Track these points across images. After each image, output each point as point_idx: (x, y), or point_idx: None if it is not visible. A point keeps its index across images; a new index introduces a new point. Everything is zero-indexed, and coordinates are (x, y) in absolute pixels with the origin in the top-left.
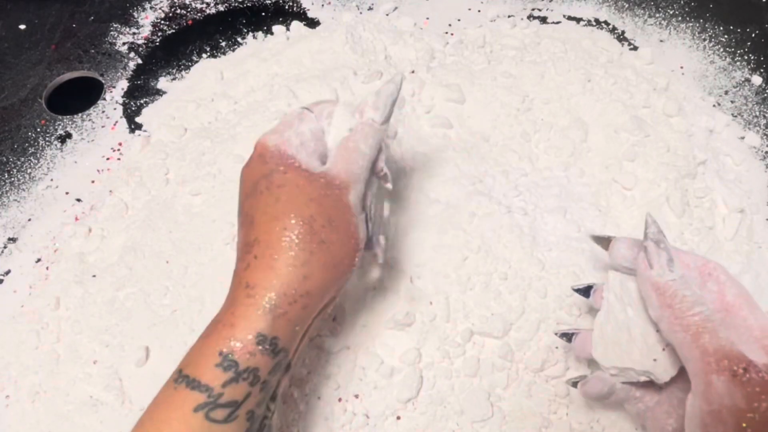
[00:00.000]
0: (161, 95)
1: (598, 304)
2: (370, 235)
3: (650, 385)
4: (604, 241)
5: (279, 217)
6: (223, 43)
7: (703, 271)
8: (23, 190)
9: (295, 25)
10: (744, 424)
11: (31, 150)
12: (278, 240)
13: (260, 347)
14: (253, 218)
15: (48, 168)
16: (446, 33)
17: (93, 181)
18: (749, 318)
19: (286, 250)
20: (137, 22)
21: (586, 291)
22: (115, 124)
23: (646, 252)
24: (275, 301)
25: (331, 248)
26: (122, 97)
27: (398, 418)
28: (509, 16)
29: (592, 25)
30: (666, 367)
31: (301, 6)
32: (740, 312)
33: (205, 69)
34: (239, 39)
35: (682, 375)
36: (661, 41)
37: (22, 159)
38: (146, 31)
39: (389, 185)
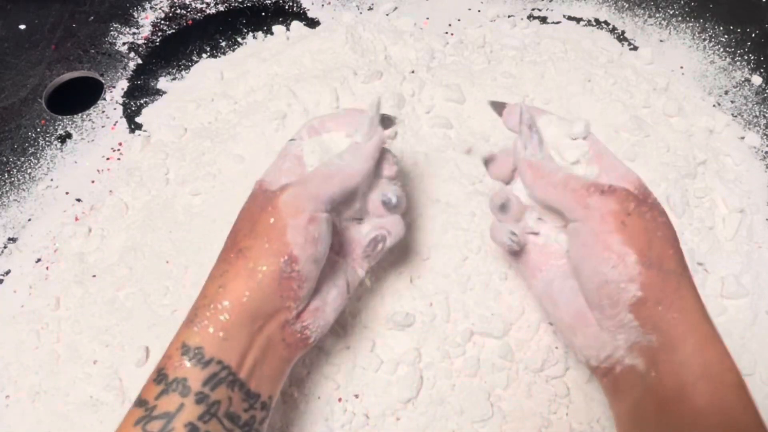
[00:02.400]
0: (161, 95)
1: (496, 175)
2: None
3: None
4: (499, 107)
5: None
6: (223, 43)
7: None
8: (23, 190)
9: (295, 25)
10: (622, 221)
11: (31, 150)
12: (217, 259)
13: (185, 357)
14: None
15: (48, 168)
16: (446, 33)
17: (93, 181)
18: (610, 168)
19: (216, 266)
20: (137, 22)
21: (486, 161)
22: (115, 124)
23: (521, 135)
24: (197, 314)
25: (248, 254)
26: (122, 97)
27: (398, 418)
28: (509, 16)
29: (592, 25)
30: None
31: (301, 6)
32: (604, 160)
33: (205, 69)
34: (239, 39)
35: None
36: (661, 41)
37: (22, 159)
38: (146, 31)
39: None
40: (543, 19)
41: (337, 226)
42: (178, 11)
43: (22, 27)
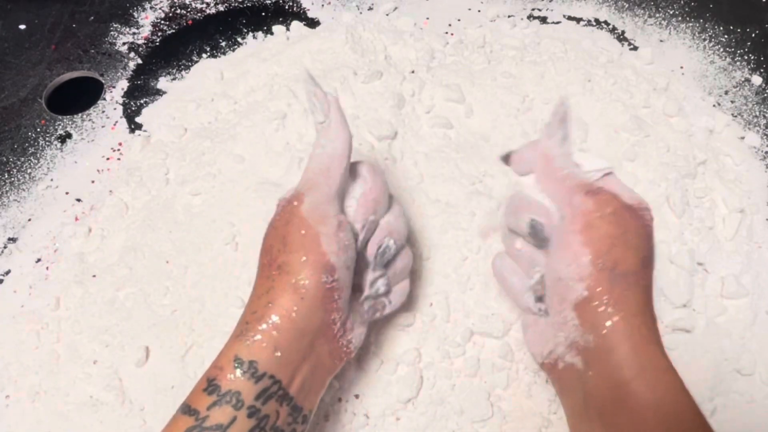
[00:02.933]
0: (161, 95)
1: (517, 167)
2: (359, 245)
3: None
4: (506, 157)
5: (259, 256)
6: (223, 43)
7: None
8: (23, 190)
9: (295, 25)
10: (589, 222)
11: (31, 150)
12: (257, 276)
13: (238, 370)
14: None
15: (48, 168)
16: (446, 33)
17: (93, 181)
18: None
19: (256, 282)
20: (137, 22)
21: (506, 158)
22: (115, 124)
23: (550, 124)
24: (250, 328)
25: (288, 270)
26: (122, 97)
27: (398, 418)
28: (509, 16)
29: (592, 25)
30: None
31: (301, 6)
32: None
33: (205, 69)
34: (239, 39)
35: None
36: (661, 41)
37: (22, 159)
38: (146, 31)
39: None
40: (543, 19)
41: None
42: (178, 11)
43: (22, 27)
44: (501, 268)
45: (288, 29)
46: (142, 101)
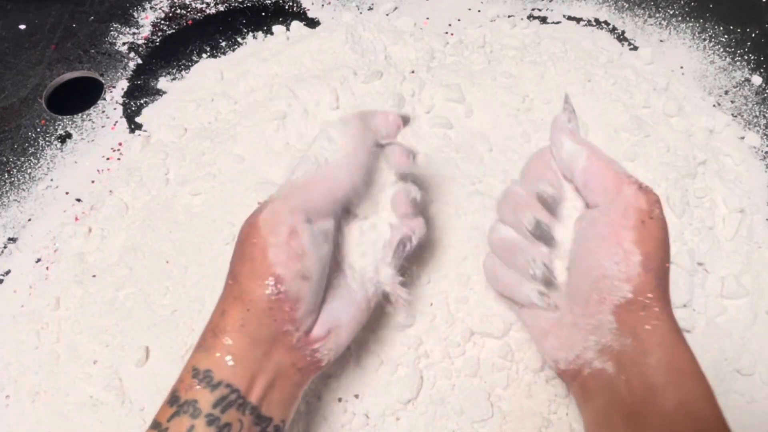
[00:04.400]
0: (161, 95)
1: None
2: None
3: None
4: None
5: None
6: (223, 43)
7: None
8: (23, 190)
9: (295, 25)
10: (643, 221)
11: (31, 150)
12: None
13: (195, 380)
14: None
15: (48, 168)
16: (446, 33)
17: (93, 181)
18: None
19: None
20: (137, 22)
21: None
22: (115, 124)
23: (564, 111)
24: (206, 339)
25: (239, 280)
26: (122, 97)
27: (398, 418)
28: (509, 16)
29: (592, 25)
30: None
31: (301, 6)
32: None
33: (205, 69)
34: (239, 39)
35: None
36: (661, 41)
37: (22, 159)
38: (146, 31)
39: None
40: (543, 19)
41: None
42: (178, 11)
43: (22, 27)
44: (493, 264)
45: (288, 29)
46: (142, 101)
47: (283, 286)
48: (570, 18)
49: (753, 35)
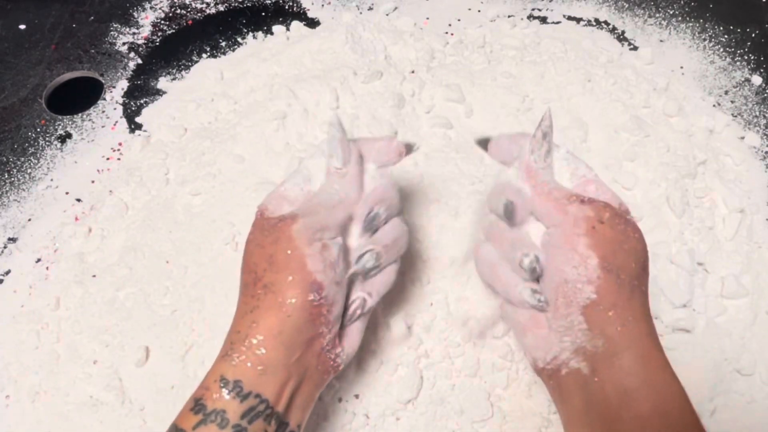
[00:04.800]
0: (161, 95)
1: (495, 155)
2: (350, 272)
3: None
4: (484, 142)
5: (242, 270)
6: (223, 43)
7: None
8: (23, 190)
9: (295, 25)
10: (593, 226)
11: (31, 150)
12: (240, 294)
13: (224, 390)
14: None
15: (48, 168)
16: (446, 33)
17: (93, 181)
18: (600, 191)
19: (243, 300)
20: (137, 22)
21: (484, 143)
22: (115, 124)
23: (534, 137)
24: (234, 348)
25: (274, 290)
26: (122, 97)
27: (398, 418)
28: (509, 16)
29: (592, 25)
30: None
31: (301, 6)
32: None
33: (205, 69)
34: (239, 39)
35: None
36: (661, 41)
37: (22, 159)
38: (146, 31)
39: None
40: (543, 19)
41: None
42: (178, 11)
43: (22, 27)
44: (487, 255)
45: (288, 29)
46: (142, 101)
47: (324, 292)
48: (570, 18)
49: (753, 35)
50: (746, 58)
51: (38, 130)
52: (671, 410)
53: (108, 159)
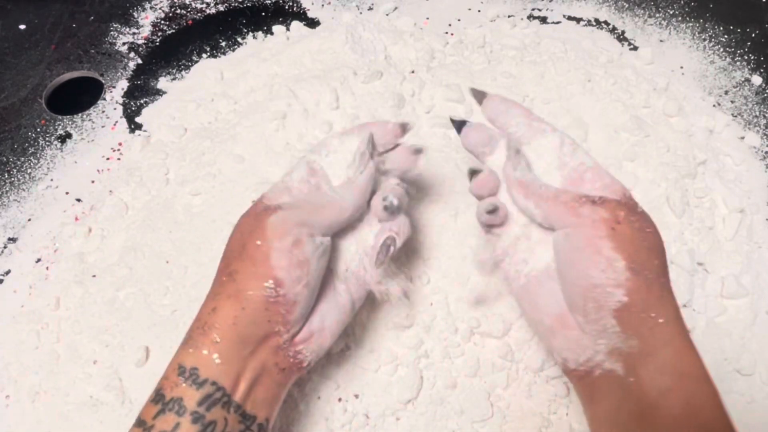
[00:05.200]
0: (161, 95)
1: (466, 142)
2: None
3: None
4: (479, 95)
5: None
6: (223, 43)
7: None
8: (23, 190)
9: (295, 25)
10: (612, 228)
11: (31, 150)
12: (214, 280)
13: (180, 378)
14: None
15: (48, 168)
16: (446, 33)
17: (93, 181)
18: (596, 177)
19: (212, 287)
20: (137, 22)
21: (459, 125)
22: (115, 124)
23: (509, 159)
24: (192, 336)
25: (237, 278)
26: (122, 97)
27: (398, 418)
28: (509, 16)
29: (592, 25)
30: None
31: (301, 6)
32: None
33: (205, 69)
34: (239, 39)
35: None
36: (661, 41)
37: (22, 159)
38: (146, 31)
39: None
40: (543, 19)
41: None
42: (178, 11)
43: (22, 27)
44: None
45: (288, 29)
46: (142, 101)
47: (282, 290)
48: (570, 18)
49: (753, 35)
50: (746, 58)
51: (38, 130)
52: (703, 411)
53: (108, 159)
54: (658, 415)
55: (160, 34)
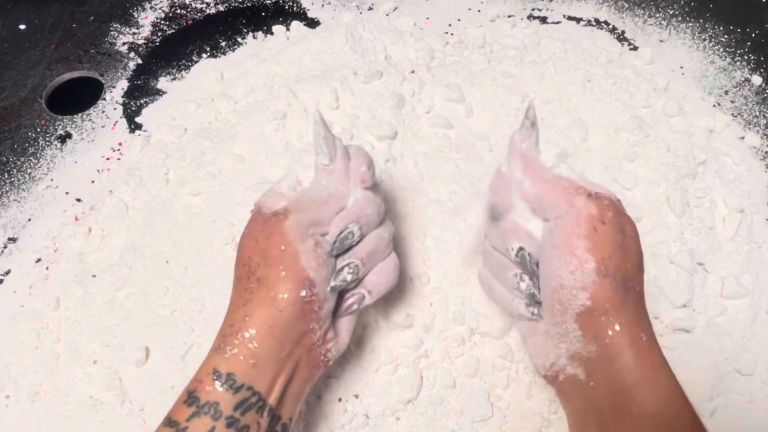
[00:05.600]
0: (161, 95)
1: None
2: (336, 263)
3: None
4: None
5: (235, 265)
6: (223, 43)
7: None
8: (23, 190)
9: (295, 25)
10: (595, 227)
11: (31, 150)
12: (233, 288)
13: (217, 382)
14: None
15: (48, 168)
16: (446, 33)
17: (93, 181)
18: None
19: (236, 294)
20: (137, 22)
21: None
22: (115, 124)
23: (522, 127)
24: (227, 341)
25: (267, 284)
26: (122, 97)
27: (398, 418)
28: (509, 16)
29: (592, 25)
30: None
31: (301, 6)
32: None
33: (205, 69)
34: (239, 39)
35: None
36: (661, 41)
37: (22, 159)
38: (146, 31)
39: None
40: (543, 19)
41: None
42: (178, 11)
43: (22, 27)
44: (487, 278)
45: (288, 29)
46: (142, 101)
47: (315, 289)
48: (570, 18)
49: (753, 35)
50: (746, 58)
51: (38, 130)
52: (666, 408)
53: (108, 159)
54: (621, 417)
55: (160, 34)
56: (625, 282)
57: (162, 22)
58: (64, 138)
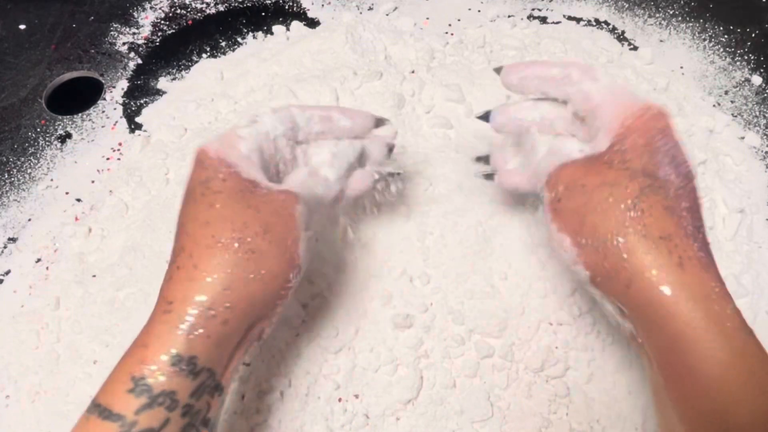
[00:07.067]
0: (161, 95)
1: (500, 126)
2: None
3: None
4: (498, 70)
5: (210, 223)
6: (223, 43)
7: None
8: (23, 190)
9: (295, 25)
10: (554, 208)
11: (31, 150)
12: (204, 248)
13: (176, 368)
14: (185, 226)
15: (48, 168)
16: (446, 33)
17: (93, 181)
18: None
19: (209, 258)
20: (137, 22)
21: (485, 116)
22: (115, 124)
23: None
24: (192, 316)
25: (261, 259)
26: (122, 97)
27: (398, 418)
28: (509, 16)
29: (592, 25)
30: None
31: (301, 6)
32: None
33: (205, 69)
34: (239, 39)
35: None
36: (661, 41)
37: (22, 159)
38: (146, 31)
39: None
40: (543, 19)
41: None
42: (178, 11)
43: (22, 27)
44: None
45: (288, 29)
46: (142, 101)
47: (298, 278)
48: (570, 18)
49: (753, 35)
50: (746, 58)
51: (38, 130)
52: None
53: (108, 159)
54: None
55: (160, 34)
56: (615, 238)
57: (162, 22)
58: (64, 138)
